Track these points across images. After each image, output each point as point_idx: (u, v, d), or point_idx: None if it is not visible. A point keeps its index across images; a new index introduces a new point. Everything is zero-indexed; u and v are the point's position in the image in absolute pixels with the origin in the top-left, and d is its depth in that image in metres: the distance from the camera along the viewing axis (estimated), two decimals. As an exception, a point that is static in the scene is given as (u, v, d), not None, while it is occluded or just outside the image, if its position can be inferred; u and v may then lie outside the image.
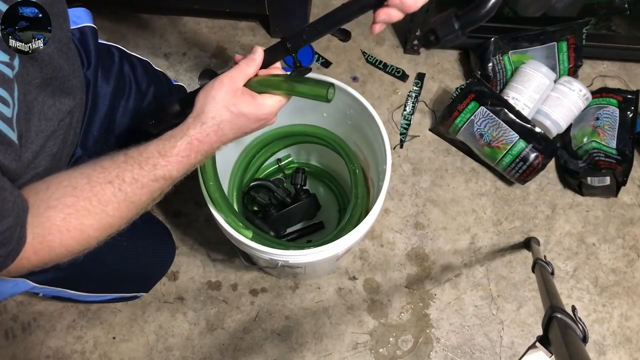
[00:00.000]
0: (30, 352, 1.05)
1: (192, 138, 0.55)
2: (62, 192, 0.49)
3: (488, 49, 1.21)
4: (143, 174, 0.52)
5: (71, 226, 0.48)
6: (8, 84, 0.48)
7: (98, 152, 0.79)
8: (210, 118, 0.56)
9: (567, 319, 0.58)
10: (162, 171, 0.53)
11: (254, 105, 0.58)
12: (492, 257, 1.16)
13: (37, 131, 0.55)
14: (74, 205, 0.49)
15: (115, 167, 0.52)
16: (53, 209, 0.48)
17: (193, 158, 0.56)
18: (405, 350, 1.08)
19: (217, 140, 0.57)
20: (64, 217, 0.48)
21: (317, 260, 0.74)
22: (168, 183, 0.55)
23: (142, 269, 0.98)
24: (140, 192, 0.52)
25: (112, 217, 0.51)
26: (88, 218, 0.49)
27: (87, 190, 0.50)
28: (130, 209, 0.53)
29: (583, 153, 1.19)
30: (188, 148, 0.55)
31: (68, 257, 0.51)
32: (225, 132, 0.57)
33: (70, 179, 0.50)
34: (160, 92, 0.90)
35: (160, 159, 0.54)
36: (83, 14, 0.78)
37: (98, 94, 0.78)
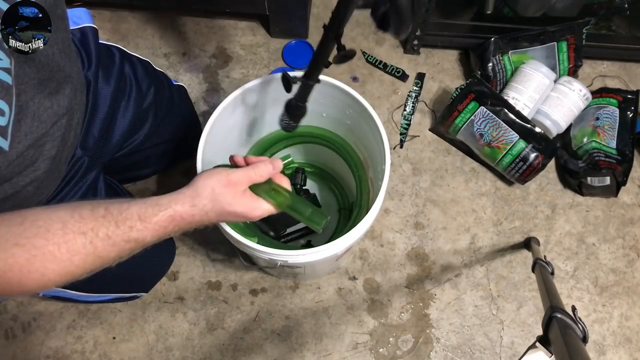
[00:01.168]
0: (30, 352, 1.05)
1: (176, 213, 0.55)
2: (34, 232, 0.48)
3: (488, 49, 1.21)
4: (117, 233, 0.52)
5: (33, 268, 0.47)
6: (7, 90, 0.48)
7: (98, 152, 0.79)
8: (202, 205, 0.57)
9: (567, 319, 0.58)
10: (136, 234, 0.53)
11: (248, 207, 0.59)
12: (492, 257, 1.16)
13: (26, 132, 0.55)
14: (41, 248, 0.48)
15: (93, 220, 0.51)
16: (20, 247, 0.47)
17: (170, 229, 0.56)
18: (405, 350, 1.08)
19: (199, 222, 0.58)
20: (29, 257, 0.47)
21: (317, 260, 0.74)
22: (139, 246, 0.55)
23: (142, 269, 0.98)
24: (109, 249, 0.52)
25: (76, 267, 0.50)
26: (52, 263, 0.48)
27: (59, 236, 0.49)
28: (95, 262, 0.52)
29: (583, 153, 1.19)
30: (169, 220, 0.55)
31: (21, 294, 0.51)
32: (209, 218, 0.58)
33: (46, 220, 0.49)
34: (160, 92, 0.90)
35: (138, 223, 0.53)
36: (83, 14, 0.79)
37: (98, 94, 0.78)
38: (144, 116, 0.87)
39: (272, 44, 1.34)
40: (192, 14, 1.36)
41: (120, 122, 0.83)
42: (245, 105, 0.84)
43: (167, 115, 0.93)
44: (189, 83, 1.29)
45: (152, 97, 0.88)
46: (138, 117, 0.86)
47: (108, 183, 0.84)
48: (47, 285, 0.50)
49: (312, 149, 1.07)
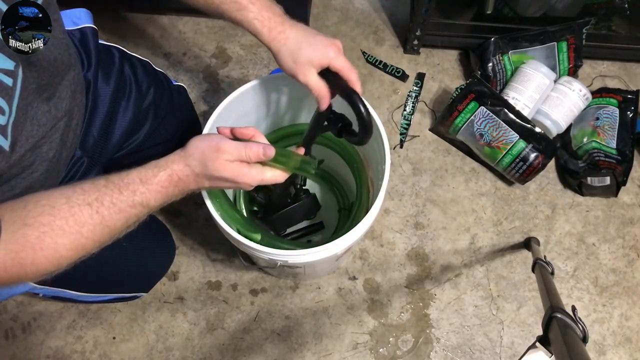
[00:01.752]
0: (30, 352, 1.05)
1: (174, 172, 0.57)
2: (39, 211, 0.49)
3: (488, 49, 1.21)
4: (122, 199, 0.53)
5: (44, 245, 0.48)
6: (7, 91, 0.48)
7: (98, 153, 0.79)
8: (193, 166, 0.58)
9: (567, 319, 0.58)
10: (140, 198, 0.54)
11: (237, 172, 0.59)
12: (492, 257, 1.16)
13: (27, 136, 0.56)
14: (49, 224, 0.48)
15: (95, 190, 0.52)
16: (29, 227, 0.47)
17: (171, 191, 0.57)
18: (405, 350, 1.08)
19: (194, 184, 0.59)
20: (39, 235, 0.48)
21: (317, 260, 0.74)
22: (145, 211, 0.56)
23: (142, 269, 0.98)
24: (116, 217, 0.53)
25: (86, 239, 0.51)
26: (62, 238, 0.49)
27: (64, 210, 0.50)
28: (104, 232, 0.53)
29: (583, 153, 1.19)
30: (168, 180, 0.56)
31: (36, 277, 0.50)
32: (203, 182, 0.59)
33: (49, 198, 0.50)
34: (160, 92, 0.90)
35: (141, 186, 0.55)
36: (83, 14, 0.78)
37: (98, 95, 0.78)
38: (144, 116, 0.87)
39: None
40: (192, 14, 1.36)
41: (120, 123, 0.83)
42: (245, 105, 0.84)
43: (167, 116, 0.93)
44: (189, 83, 1.29)
45: (152, 97, 0.88)
46: (138, 117, 0.85)
47: None
48: (59, 263, 0.51)
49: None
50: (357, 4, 1.40)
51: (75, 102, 0.67)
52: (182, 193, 0.60)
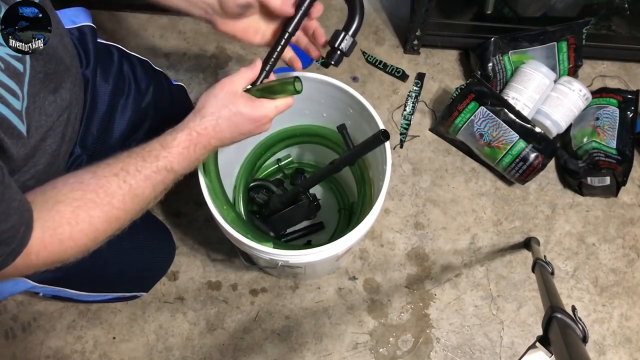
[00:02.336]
0: (30, 352, 1.05)
1: (191, 130, 0.58)
2: (69, 188, 0.50)
3: (488, 49, 1.21)
4: (146, 166, 0.54)
5: (80, 218, 0.49)
6: (19, 77, 0.49)
7: (97, 151, 0.79)
8: (209, 113, 0.59)
9: (567, 319, 0.58)
10: (163, 162, 0.55)
11: (250, 106, 0.60)
12: (492, 257, 1.16)
13: (37, 126, 0.56)
14: (81, 199, 0.50)
15: (120, 162, 0.54)
16: (62, 203, 0.49)
17: (192, 151, 0.58)
18: (405, 350, 1.08)
19: (215, 136, 0.59)
20: (73, 209, 0.49)
21: (317, 260, 0.74)
22: (170, 176, 0.57)
23: (142, 269, 0.98)
24: (143, 185, 0.54)
25: (118, 210, 0.52)
26: (95, 210, 0.50)
27: (93, 184, 0.51)
28: (134, 201, 0.54)
29: (583, 153, 1.19)
30: (188, 139, 0.57)
31: (75, 253, 0.52)
32: (222, 128, 0.59)
33: (77, 176, 0.52)
34: (160, 91, 0.90)
35: (162, 151, 0.56)
36: (81, 13, 0.78)
37: (97, 92, 0.78)
38: (143, 115, 0.87)
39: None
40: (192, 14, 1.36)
41: (119, 121, 0.83)
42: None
43: (166, 115, 0.93)
44: (189, 83, 1.29)
45: (152, 97, 0.88)
46: (137, 116, 0.85)
47: None
48: (96, 236, 0.52)
49: (312, 149, 1.07)
50: (357, 4, 1.39)
51: (75, 95, 0.67)
52: (205, 151, 0.60)
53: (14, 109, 0.47)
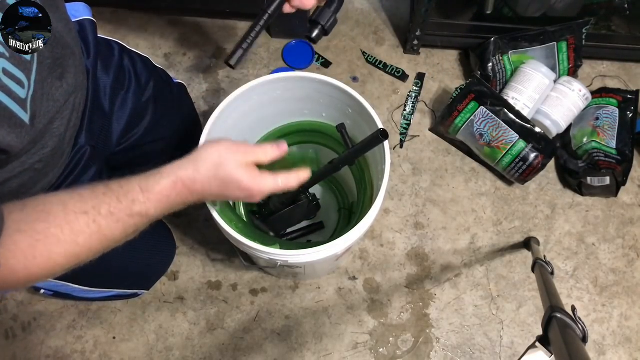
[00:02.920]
0: (31, 352, 1.06)
1: (178, 179, 0.55)
2: (35, 217, 0.47)
3: (488, 49, 1.21)
4: (120, 208, 0.51)
5: (38, 253, 0.47)
6: (25, 65, 0.48)
7: (100, 144, 0.79)
8: (205, 169, 0.56)
9: (567, 319, 0.58)
10: (139, 207, 0.52)
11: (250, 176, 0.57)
12: (492, 257, 1.16)
13: (45, 112, 0.55)
14: (44, 232, 0.47)
15: (93, 198, 0.50)
16: (22, 234, 0.46)
17: (172, 200, 0.55)
18: (405, 350, 1.08)
19: (201, 192, 0.57)
20: (32, 243, 0.46)
21: (317, 260, 0.74)
22: (144, 221, 0.54)
23: (143, 266, 0.98)
24: (114, 227, 0.51)
25: (82, 248, 0.50)
26: (57, 246, 0.48)
27: (60, 218, 0.48)
28: (101, 242, 0.51)
29: (583, 153, 1.19)
30: (171, 187, 0.54)
31: (28, 284, 0.49)
32: (211, 188, 0.57)
33: (46, 204, 0.49)
34: (160, 87, 0.90)
35: (140, 195, 0.52)
36: (82, 7, 0.79)
37: (98, 84, 0.78)
38: (143, 110, 0.87)
39: (272, 44, 1.34)
40: (192, 14, 1.36)
41: (119, 115, 0.83)
42: (246, 105, 0.84)
43: (166, 111, 0.93)
44: (189, 83, 1.29)
45: (152, 92, 0.88)
46: (137, 110, 0.85)
47: None
48: (54, 270, 0.49)
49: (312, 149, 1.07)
50: (357, 4, 1.40)
51: (79, 81, 0.67)
52: (184, 202, 0.57)
53: (16, 98, 0.46)
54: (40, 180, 0.65)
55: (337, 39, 1.35)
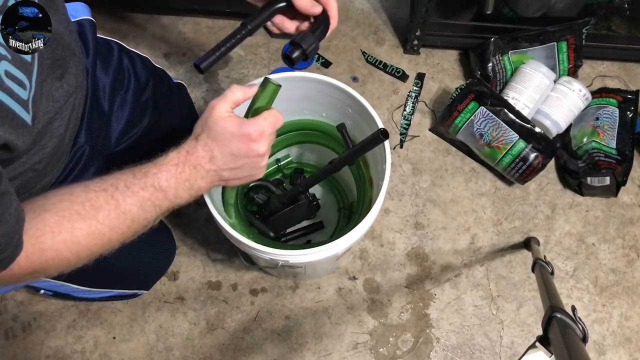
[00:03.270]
0: (31, 352, 1.06)
1: (181, 148, 0.57)
2: (58, 198, 0.50)
3: (488, 49, 1.21)
4: (135, 182, 0.54)
5: (63, 228, 0.49)
6: (26, 66, 0.49)
7: (99, 143, 0.79)
8: (198, 134, 0.58)
9: (567, 319, 0.58)
10: (152, 179, 0.54)
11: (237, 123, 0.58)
12: (492, 257, 1.16)
13: (44, 111, 0.56)
14: (67, 209, 0.49)
15: (112, 177, 0.54)
16: (48, 212, 0.49)
17: (182, 169, 0.56)
18: (405, 350, 1.08)
19: (204, 155, 0.58)
20: (58, 219, 0.49)
21: (317, 260, 0.74)
22: (159, 195, 0.55)
23: (143, 266, 0.98)
24: (130, 201, 0.53)
25: (102, 225, 0.51)
26: (79, 222, 0.50)
27: (82, 196, 0.51)
28: (120, 219, 0.53)
29: (583, 153, 1.19)
30: (177, 157, 0.56)
31: (57, 266, 0.50)
32: (211, 147, 0.58)
33: (68, 188, 0.52)
34: (159, 87, 0.90)
35: (153, 168, 0.55)
36: (81, 7, 0.79)
37: (97, 84, 0.78)
38: (143, 110, 0.87)
39: (272, 44, 1.34)
40: (192, 14, 1.36)
41: (119, 114, 0.83)
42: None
43: (166, 111, 0.93)
44: (189, 83, 1.29)
45: (151, 91, 0.88)
46: (136, 110, 0.85)
47: None
48: (78, 250, 0.51)
49: (312, 149, 1.07)
50: (357, 4, 1.40)
51: (79, 81, 0.67)
52: (197, 173, 0.58)
53: (18, 99, 0.47)
54: (40, 180, 0.65)
55: (337, 39, 1.35)
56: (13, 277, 0.48)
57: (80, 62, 0.68)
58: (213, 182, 0.60)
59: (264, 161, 0.61)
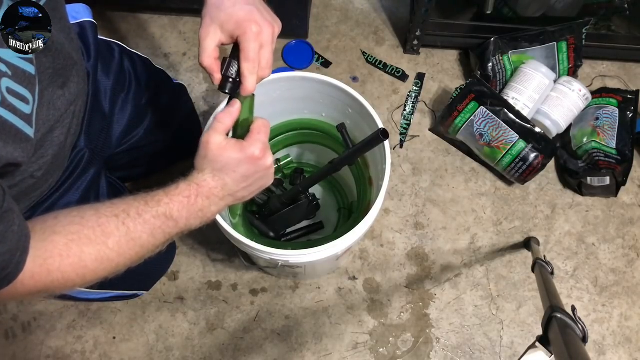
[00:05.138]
0: (31, 352, 1.06)
1: (191, 182, 0.58)
2: (69, 221, 0.50)
3: (488, 49, 1.21)
4: (147, 210, 0.54)
5: (71, 252, 0.49)
6: (30, 80, 0.49)
7: (99, 147, 0.79)
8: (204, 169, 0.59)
9: (567, 319, 0.58)
10: (164, 208, 0.55)
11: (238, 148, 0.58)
12: (492, 257, 1.16)
13: (44, 120, 0.56)
14: (77, 233, 0.50)
15: (123, 203, 0.54)
16: (58, 234, 0.49)
17: (194, 200, 0.57)
18: (405, 350, 1.08)
19: (216, 185, 0.58)
20: (67, 242, 0.49)
21: (317, 260, 0.74)
22: (170, 224, 0.56)
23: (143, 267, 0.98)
24: (141, 229, 0.53)
25: (111, 251, 0.51)
26: (88, 247, 0.50)
27: (93, 221, 0.51)
28: (129, 245, 0.53)
29: (583, 153, 1.19)
30: (188, 189, 0.57)
31: (61, 287, 0.51)
32: (222, 176, 0.59)
33: (79, 211, 0.52)
34: (160, 89, 0.90)
35: (165, 197, 0.55)
36: (82, 9, 0.79)
37: (98, 87, 0.78)
38: (144, 112, 0.87)
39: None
40: (192, 14, 1.36)
41: (120, 116, 0.83)
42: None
43: (166, 113, 0.93)
44: (189, 83, 1.29)
45: (152, 93, 0.88)
46: (137, 112, 0.85)
47: (110, 182, 0.84)
48: (84, 274, 0.51)
49: (311, 149, 1.07)
50: (357, 4, 1.40)
51: (80, 87, 0.67)
52: (209, 202, 0.58)
53: (21, 114, 0.47)
54: (40, 186, 0.65)
55: (337, 39, 1.35)
56: (16, 295, 0.48)
57: (81, 70, 0.68)
58: (227, 205, 0.62)
59: (271, 170, 0.63)
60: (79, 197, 0.74)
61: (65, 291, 0.52)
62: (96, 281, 0.53)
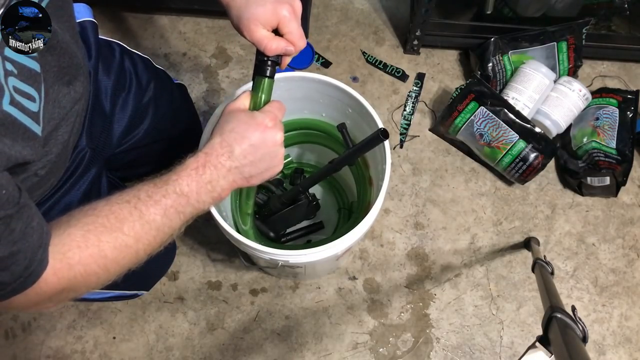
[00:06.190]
0: (31, 352, 1.06)
1: (199, 152, 0.58)
2: (82, 214, 0.51)
3: (488, 49, 1.21)
4: (156, 190, 0.54)
5: (89, 242, 0.49)
6: (35, 78, 0.49)
7: (100, 146, 0.79)
8: (213, 134, 0.60)
9: (567, 319, 0.58)
10: (173, 185, 0.55)
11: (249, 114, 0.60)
12: (492, 257, 1.16)
13: (50, 118, 0.56)
14: (92, 223, 0.50)
15: (133, 189, 0.54)
16: (73, 227, 0.49)
17: (202, 171, 0.57)
18: (405, 350, 1.08)
19: (223, 152, 0.58)
20: (84, 233, 0.49)
21: (317, 260, 0.74)
22: (181, 201, 0.55)
23: (143, 267, 0.98)
24: (154, 210, 0.53)
25: (127, 236, 0.51)
26: (104, 235, 0.50)
27: (105, 210, 0.51)
28: (145, 229, 0.53)
29: (583, 153, 1.19)
30: (195, 161, 0.57)
31: (86, 282, 0.50)
32: (229, 142, 0.58)
33: (91, 204, 0.52)
34: (160, 88, 0.90)
35: (172, 175, 0.56)
36: (83, 9, 0.79)
37: (99, 86, 0.78)
38: (144, 111, 0.87)
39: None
40: (192, 14, 1.36)
41: (120, 116, 0.83)
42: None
43: (167, 112, 0.93)
44: (189, 83, 1.29)
45: (152, 93, 0.88)
46: (138, 111, 0.86)
47: (111, 181, 0.84)
48: (106, 264, 0.51)
49: (311, 149, 1.07)
50: (357, 4, 1.40)
51: (84, 86, 0.67)
52: (217, 171, 0.58)
53: (29, 112, 0.47)
54: (42, 185, 0.65)
55: (337, 39, 1.35)
56: (42, 296, 0.47)
57: (85, 70, 0.68)
58: (235, 181, 0.60)
59: (281, 150, 0.62)
60: (80, 196, 0.74)
61: (91, 287, 0.52)
62: (120, 273, 0.53)
